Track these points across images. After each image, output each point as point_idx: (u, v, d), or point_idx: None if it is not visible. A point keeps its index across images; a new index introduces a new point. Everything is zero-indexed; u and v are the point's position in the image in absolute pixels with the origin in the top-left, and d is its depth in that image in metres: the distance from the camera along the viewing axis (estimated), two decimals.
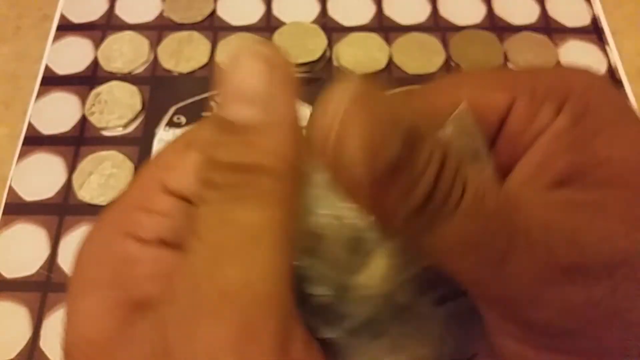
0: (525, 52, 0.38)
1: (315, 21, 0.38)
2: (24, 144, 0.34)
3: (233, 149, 0.13)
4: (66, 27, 0.39)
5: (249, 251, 0.13)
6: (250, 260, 0.13)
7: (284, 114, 0.14)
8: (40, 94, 0.36)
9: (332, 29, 0.38)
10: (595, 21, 0.39)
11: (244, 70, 0.13)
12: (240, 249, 0.13)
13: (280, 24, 0.38)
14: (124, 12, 0.39)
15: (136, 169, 0.33)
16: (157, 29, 0.38)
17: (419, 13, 0.39)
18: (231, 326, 0.12)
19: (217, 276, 0.13)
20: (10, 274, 0.30)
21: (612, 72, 0.37)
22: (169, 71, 0.37)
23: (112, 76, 0.36)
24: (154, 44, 0.38)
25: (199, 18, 0.39)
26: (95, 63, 0.37)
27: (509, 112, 0.16)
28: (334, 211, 0.16)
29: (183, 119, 0.35)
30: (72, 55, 0.37)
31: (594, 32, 0.39)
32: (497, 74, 0.18)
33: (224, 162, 0.13)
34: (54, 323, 0.29)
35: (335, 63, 0.37)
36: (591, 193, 0.14)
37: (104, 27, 0.39)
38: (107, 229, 0.16)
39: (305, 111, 0.14)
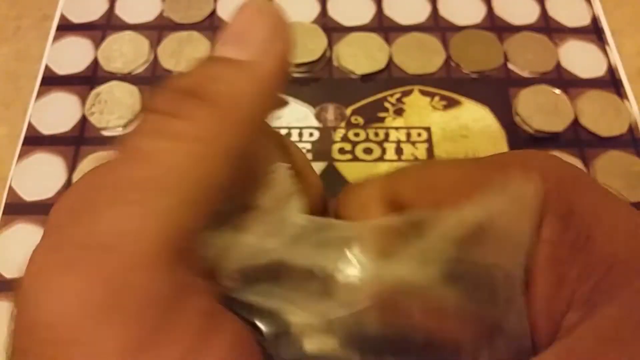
0: (525, 52, 0.38)
1: (315, 21, 0.38)
2: (24, 144, 0.34)
3: (193, 76, 0.12)
4: (66, 27, 0.39)
5: (147, 194, 0.11)
6: (144, 206, 0.11)
7: (266, 64, 0.12)
8: (40, 94, 0.36)
9: (332, 29, 0.38)
10: (595, 21, 0.39)
11: (245, 17, 0.13)
12: (138, 188, 0.11)
13: None
14: (124, 12, 0.39)
15: None
16: (157, 29, 0.38)
17: (419, 13, 0.39)
18: (93, 286, 0.10)
19: (98, 219, 0.11)
20: (10, 274, 0.30)
21: (612, 72, 0.37)
22: (169, 71, 0.37)
23: (112, 76, 0.36)
24: (154, 44, 0.38)
25: (199, 18, 0.39)
26: (95, 63, 0.37)
27: None
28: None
29: None
30: (72, 55, 0.37)
31: (593, 32, 0.39)
32: (465, 172, 0.17)
33: (176, 86, 0.12)
34: None
35: (335, 63, 0.37)
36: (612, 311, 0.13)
37: (104, 27, 0.39)
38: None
39: (304, 111, 0.13)
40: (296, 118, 0.35)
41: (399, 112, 0.35)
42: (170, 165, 0.11)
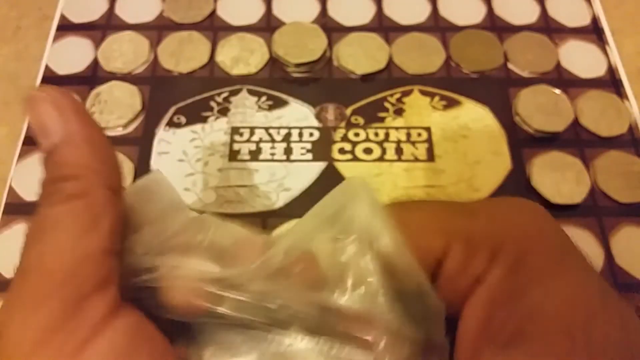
0: (525, 52, 0.38)
1: (315, 21, 0.38)
2: (24, 144, 0.34)
3: (46, 168, 0.17)
4: (66, 27, 0.39)
5: (43, 236, 0.17)
6: (45, 242, 0.16)
7: (72, 134, 0.17)
8: None
9: (332, 29, 0.38)
10: (595, 21, 0.39)
11: (36, 113, 0.17)
12: (39, 234, 0.17)
13: (280, 24, 0.38)
14: (124, 12, 0.39)
15: (136, 169, 0.33)
16: (157, 29, 0.38)
17: (419, 13, 0.39)
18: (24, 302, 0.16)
19: (24, 256, 0.17)
20: (10, 274, 0.30)
21: (612, 72, 0.37)
22: (169, 71, 0.37)
23: (112, 76, 0.36)
24: (154, 44, 0.38)
25: (199, 18, 0.39)
26: (95, 63, 0.37)
27: (445, 256, 0.17)
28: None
29: (183, 119, 0.35)
30: (72, 55, 0.37)
31: (593, 32, 0.39)
32: (434, 215, 0.18)
33: (44, 179, 0.17)
34: None
35: (335, 63, 0.37)
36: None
37: (104, 27, 0.39)
38: None
39: (304, 111, 0.14)
40: (296, 118, 0.35)
41: (399, 112, 0.35)
42: (59, 218, 0.17)
